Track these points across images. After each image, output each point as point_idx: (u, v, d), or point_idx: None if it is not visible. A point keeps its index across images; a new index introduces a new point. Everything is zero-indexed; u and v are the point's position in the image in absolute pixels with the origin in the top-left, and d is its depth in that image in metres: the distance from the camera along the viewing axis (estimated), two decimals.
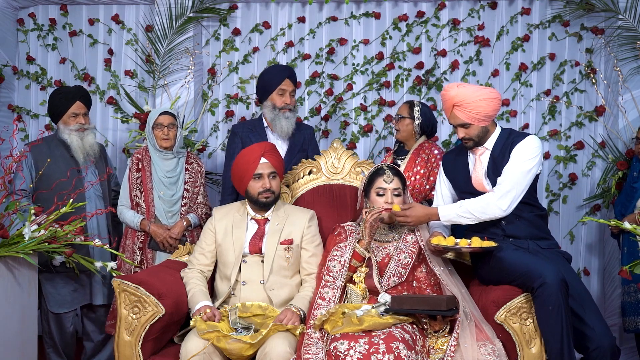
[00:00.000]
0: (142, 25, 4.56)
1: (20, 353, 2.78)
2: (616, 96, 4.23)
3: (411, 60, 4.57)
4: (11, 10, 4.64)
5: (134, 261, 3.48)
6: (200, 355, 2.48)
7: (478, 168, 2.87)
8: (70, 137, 3.52)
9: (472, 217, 2.78)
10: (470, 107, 2.77)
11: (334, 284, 2.73)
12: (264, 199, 2.91)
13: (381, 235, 2.92)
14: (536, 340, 2.55)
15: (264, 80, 3.58)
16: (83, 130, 3.56)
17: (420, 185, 3.48)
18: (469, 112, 2.78)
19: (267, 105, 3.53)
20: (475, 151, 2.89)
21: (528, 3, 4.52)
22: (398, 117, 3.62)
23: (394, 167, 2.94)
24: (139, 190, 3.56)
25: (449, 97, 2.81)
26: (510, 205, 2.73)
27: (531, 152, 2.77)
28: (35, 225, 2.84)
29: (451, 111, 2.82)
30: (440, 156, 3.46)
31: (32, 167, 3.49)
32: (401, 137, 3.61)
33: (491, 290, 2.67)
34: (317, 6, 4.60)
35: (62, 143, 3.56)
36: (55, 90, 3.72)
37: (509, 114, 4.49)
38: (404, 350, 2.32)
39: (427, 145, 3.56)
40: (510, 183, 2.73)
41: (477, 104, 2.77)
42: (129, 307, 2.64)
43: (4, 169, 2.95)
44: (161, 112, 3.55)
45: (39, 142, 3.48)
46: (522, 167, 2.75)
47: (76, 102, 3.55)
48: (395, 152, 3.68)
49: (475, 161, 2.90)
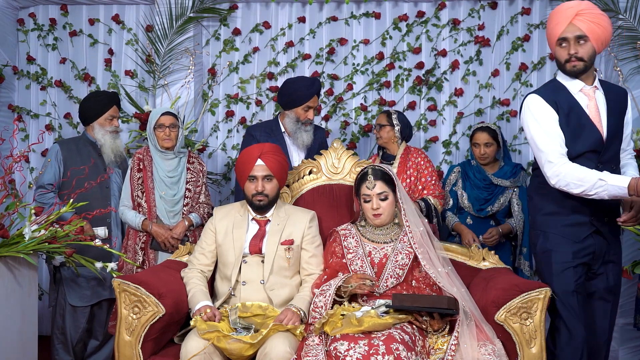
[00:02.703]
0: (142, 25, 4.56)
1: (20, 353, 2.78)
2: None
3: (411, 60, 4.57)
4: (11, 10, 4.64)
5: (136, 261, 3.49)
6: (200, 355, 2.47)
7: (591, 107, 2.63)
8: (104, 138, 3.70)
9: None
10: (594, 19, 2.54)
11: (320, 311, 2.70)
12: (257, 201, 2.91)
13: (378, 236, 2.92)
14: (536, 340, 2.55)
15: (291, 92, 3.61)
16: (116, 132, 3.74)
17: (414, 186, 3.65)
18: (592, 23, 2.54)
19: (289, 115, 3.62)
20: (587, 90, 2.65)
21: (528, 3, 4.52)
22: (379, 126, 3.83)
23: (378, 170, 2.89)
24: (140, 191, 3.56)
25: (572, 5, 2.58)
26: None
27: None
28: (35, 225, 2.84)
29: (570, 21, 2.56)
30: (427, 159, 3.74)
31: (62, 163, 3.64)
32: (383, 143, 3.85)
33: (491, 290, 2.67)
34: (317, 6, 4.60)
35: (90, 143, 3.72)
36: (93, 93, 3.92)
37: (509, 114, 4.49)
38: (403, 352, 2.32)
39: (413, 150, 3.79)
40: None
41: (602, 18, 2.56)
42: (129, 307, 2.64)
43: (4, 169, 2.95)
44: (163, 113, 3.56)
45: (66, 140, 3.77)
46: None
47: (113, 107, 3.75)
48: (382, 157, 3.85)
49: (587, 100, 2.65)
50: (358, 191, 2.93)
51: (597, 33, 2.57)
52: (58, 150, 3.65)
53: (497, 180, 3.76)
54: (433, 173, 3.71)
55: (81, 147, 3.71)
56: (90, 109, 3.72)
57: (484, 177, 3.78)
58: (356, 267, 2.84)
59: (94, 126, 3.71)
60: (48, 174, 3.60)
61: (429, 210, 3.60)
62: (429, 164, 3.72)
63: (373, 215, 2.86)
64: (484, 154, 3.77)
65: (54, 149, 3.67)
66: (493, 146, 3.77)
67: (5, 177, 2.91)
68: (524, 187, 3.74)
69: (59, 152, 3.64)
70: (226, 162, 4.65)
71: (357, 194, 2.95)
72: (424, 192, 3.67)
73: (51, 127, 4.68)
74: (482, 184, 3.78)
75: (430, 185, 3.67)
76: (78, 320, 3.63)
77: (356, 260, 2.85)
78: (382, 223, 2.89)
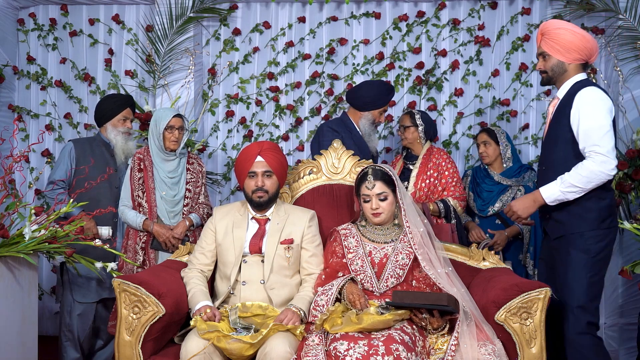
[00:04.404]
0: (142, 25, 4.56)
1: (20, 353, 2.77)
2: (616, 96, 4.22)
3: (411, 60, 4.57)
4: (11, 10, 4.64)
5: (136, 261, 3.49)
6: (200, 355, 2.47)
7: (550, 115, 2.89)
8: (116, 139, 3.73)
9: (578, 190, 2.71)
10: (551, 35, 2.80)
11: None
12: (257, 198, 2.91)
13: (379, 236, 2.92)
14: (536, 340, 2.55)
15: (373, 94, 3.74)
16: (129, 134, 3.78)
17: (433, 187, 3.72)
18: (549, 40, 2.81)
19: (367, 117, 3.77)
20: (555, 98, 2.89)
21: (528, 3, 4.52)
22: (403, 127, 3.87)
23: (378, 170, 2.90)
24: (141, 191, 3.56)
25: (540, 27, 2.88)
26: (615, 160, 2.70)
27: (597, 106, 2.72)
28: (35, 225, 2.83)
29: (539, 43, 2.88)
30: (449, 160, 3.79)
31: (74, 160, 3.67)
32: (408, 144, 3.88)
33: (491, 290, 2.67)
34: (317, 6, 4.60)
35: (105, 144, 3.77)
36: (109, 95, 4.01)
37: (509, 114, 4.49)
38: (403, 352, 2.31)
39: (435, 151, 3.82)
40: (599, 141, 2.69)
41: (557, 31, 2.79)
42: (129, 307, 2.64)
43: (4, 169, 2.95)
44: (174, 115, 3.56)
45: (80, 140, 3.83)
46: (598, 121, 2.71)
47: (127, 109, 3.78)
48: (405, 157, 3.90)
49: (552, 108, 2.90)
50: (358, 191, 2.93)
51: (555, 48, 2.81)
52: (72, 148, 3.68)
53: (499, 179, 3.79)
54: (455, 174, 3.75)
55: (95, 147, 3.73)
56: (105, 110, 3.76)
57: (488, 177, 3.83)
58: (356, 266, 2.84)
59: (107, 127, 3.74)
60: (60, 171, 3.64)
61: (447, 212, 3.66)
62: (450, 165, 3.77)
63: (372, 214, 2.86)
64: (483, 152, 3.88)
65: (67, 147, 3.71)
66: (491, 145, 3.84)
67: (5, 177, 2.91)
68: (530, 187, 3.75)
69: (72, 150, 3.67)
70: (226, 162, 4.65)
71: (357, 193, 2.95)
72: (444, 193, 3.71)
73: (51, 127, 4.68)
74: (487, 184, 3.83)
75: (450, 187, 3.72)
76: (86, 317, 3.66)
77: (356, 260, 2.85)
78: (382, 222, 2.89)
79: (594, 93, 2.74)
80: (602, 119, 2.70)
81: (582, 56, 2.80)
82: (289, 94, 4.64)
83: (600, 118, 2.70)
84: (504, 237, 3.73)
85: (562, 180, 2.73)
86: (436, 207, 3.64)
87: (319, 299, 2.70)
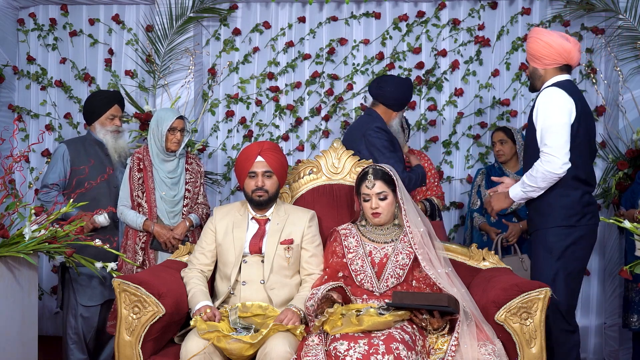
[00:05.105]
0: (142, 25, 4.56)
1: (20, 353, 2.77)
2: (616, 96, 4.23)
3: (411, 60, 4.57)
4: (11, 10, 4.64)
5: (136, 261, 3.48)
6: (200, 355, 2.47)
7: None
8: (105, 138, 3.69)
9: (536, 188, 2.84)
10: (527, 44, 2.99)
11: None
12: (257, 197, 2.91)
13: (379, 236, 2.92)
14: (536, 340, 2.55)
15: (404, 92, 3.60)
16: (117, 132, 3.73)
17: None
18: (526, 48, 3.00)
19: (399, 115, 3.67)
20: None
21: (528, 3, 4.52)
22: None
23: (379, 170, 2.89)
24: (140, 191, 3.55)
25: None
26: (564, 158, 2.75)
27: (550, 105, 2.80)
28: (35, 225, 2.83)
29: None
30: (430, 161, 3.90)
31: (68, 162, 3.62)
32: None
33: (491, 290, 2.67)
34: (317, 6, 4.60)
35: (97, 143, 3.72)
36: (95, 92, 3.93)
37: (509, 114, 4.49)
38: (403, 351, 2.31)
39: (417, 152, 3.92)
40: (548, 140, 2.77)
41: (529, 40, 2.96)
42: (129, 307, 2.64)
43: (4, 169, 2.95)
44: (178, 116, 3.54)
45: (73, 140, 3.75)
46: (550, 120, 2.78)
47: (114, 106, 3.73)
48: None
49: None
50: (358, 190, 2.93)
51: (529, 56, 2.98)
52: (65, 151, 3.64)
53: (515, 177, 3.80)
54: (435, 175, 3.86)
55: (88, 146, 3.70)
56: (92, 108, 3.71)
57: (503, 175, 3.85)
58: (356, 266, 2.84)
59: (96, 126, 3.71)
60: (53, 174, 3.60)
61: (433, 210, 3.72)
62: (431, 166, 3.87)
63: (372, 214, 2.86)
64: (499, 151, 3.97)
65: (60, 150, 3.66)
66: (508, 144, 3.94)
67: (5, 177, 2.91)
68: None
69: (66, 152, 3.63)
70: (226, 162, 4.65)
71: (357, 192, 2.95)
72: (427, 192, 3.78)
73: (51, 127, 4.68)
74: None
75: (433, 187, 3.81)
76: (91, 319, 3.64)
77: (357, 260, 2.85)
78: (381, 222, 2.89)
79: (551, 93, 2.83)
80: (554, 118, 2.78)
81: (552, 62, 2.89)
82: (289, 94, 4.64)
83: (552, 117, 2.78)
84: (517, 229, 3.77)
85: (522, 180, 2.87)
86: (423, 206, 3.68)
87: (308, 304, 2.66)
